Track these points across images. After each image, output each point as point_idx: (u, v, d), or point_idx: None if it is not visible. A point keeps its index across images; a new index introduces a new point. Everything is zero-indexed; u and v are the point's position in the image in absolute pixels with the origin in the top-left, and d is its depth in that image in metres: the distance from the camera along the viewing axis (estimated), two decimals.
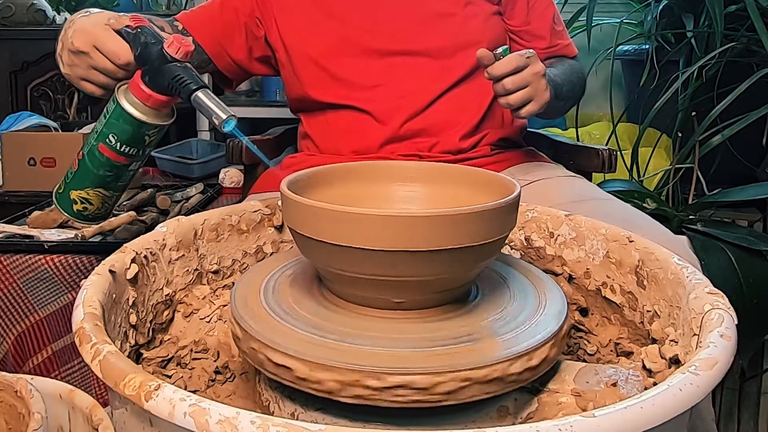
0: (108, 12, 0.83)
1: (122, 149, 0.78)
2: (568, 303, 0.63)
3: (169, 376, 0.68)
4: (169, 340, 0.71)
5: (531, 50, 0.95)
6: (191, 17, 1.16)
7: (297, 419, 0.50)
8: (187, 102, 0.73)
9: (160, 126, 0.78)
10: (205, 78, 1.26)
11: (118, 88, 0.78)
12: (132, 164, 0.80)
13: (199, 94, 0.72)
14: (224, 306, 0.73)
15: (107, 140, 0.78)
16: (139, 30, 0.77)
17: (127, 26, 0.79)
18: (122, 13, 0.83)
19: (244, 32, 1.16)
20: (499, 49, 0.92)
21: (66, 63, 0.85)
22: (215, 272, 0.78)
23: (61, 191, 0.84)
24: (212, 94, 0.72)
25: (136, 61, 0.77)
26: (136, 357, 0.67)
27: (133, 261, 0.66)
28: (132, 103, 0.76)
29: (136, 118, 0.76)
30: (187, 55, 0.75)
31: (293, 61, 1.15)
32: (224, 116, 0.71)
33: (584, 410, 0.54)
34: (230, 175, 1.73)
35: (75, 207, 0.83)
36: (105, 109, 0.79)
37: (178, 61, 0.74)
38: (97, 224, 0.86)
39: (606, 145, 1.55)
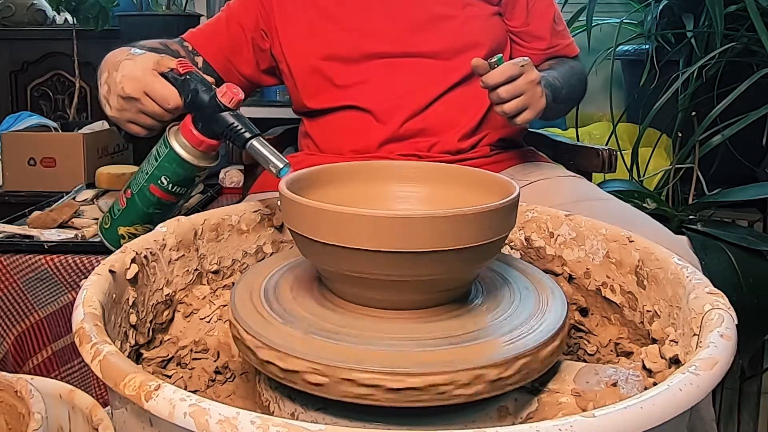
0: (151, 54, 0.86)
1: (173, 189, 0.83)
2: (568, 303, 0.63)
3: (169, 376, 0.68)
4: (169, 340, 0.71)
5: (526, 58, 0.96)
6: (199, 36, 1.16)
7: (297, 419, 0.50)
8: (241, 149, 0.77)
9: (208, 167, 0.83)
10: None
11: (169, 131, 0.82)
12: (179, 201, 0.86)
13: (254, 142, 0.76)
14: (224, 306, 0.73)
15: (159, 182, 0.82)
16: (188, 76, 0.81)
17: (172, 70, 0.83)
18: (143, 44, 0.85)
19: (250, 46, 1.17)
20: (494, 58, 0.93)
21: (114, 107, 0.88)
22: (215, 272, 0.78)
23: (107, 227, 0.88)
24: (266, 142, 0.76)
25: (186, 107, 0.81)
26: (136, 357, 0.67)
27: (133, 261, 0.66)
28: (184, 147, 0.80)
29: (188, 161, 0.81)
30: (239, 104, 0.79)
31: (293, 74, 1.16)
32: (281, 165, 0.75)
33: (584, 410, 0.54)
34: (230, 175, 1.73)
35: (122, 242, 0.86)
36: (155, 152, 0.83)
37: (231, 109, 0.78)
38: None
39: (606, 145, 1.55)
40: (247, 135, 0.77)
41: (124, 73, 0.84)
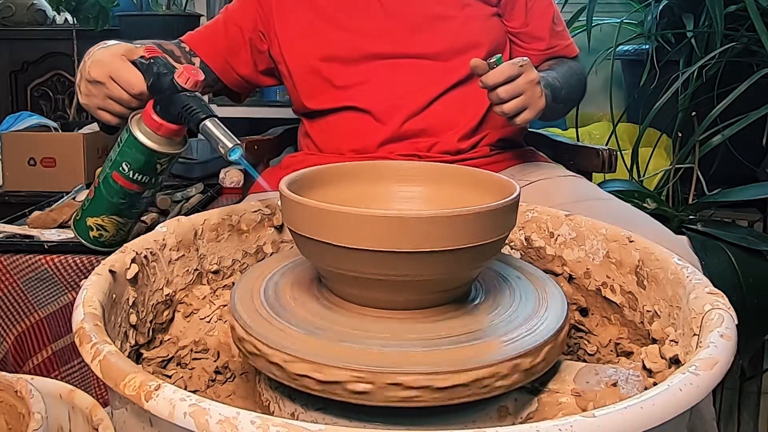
0: (124, 44, 0.86)
1: (135, 177, 0.80)
2: (568, 303, 0.63)
3: (169, 376, 0.68)
4: (169, 340, 0.71)
5: (525, 58, 0.96)
6: (197, 38, 1.17)
7: (297, 419, 0.50)
8: (196, 131, 0.75)
9: (171, 155, 0.80)
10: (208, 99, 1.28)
11: (132, 118, 0.81)
12: (145, 192, 0.83)
13: (207, 123, 0.74)
14: (224, 306, 0.73)
15: (120, 168, 0.80)
16: (152, 60, 0.80)
17: (141, 57, 0.81)
18: (138, 43, 0.86)
19: (248, 47, 1.17)
20: (493, 58, 0.93)
21: (84, 93, 0.88)
22: (215, 272, 0.78)
23: (78, 218, 0.88)
24: (220, 123, 0.74)
25: (149, 91, 0.80)
26: (136, 357, 0.67)
27: (133, 261, 0.66)
28: (144, 132, 0.79)
29: (147, 146, 0.79)
30: (197, 85, 0.77)
31: (292, 75, 1.16)
32: (230, 145, 0.72)
33: (584, 410, 0.54)
34: (230, 175, 1.73)
35: (91, 233, 0.85)
36: (119, 138, 0.81)
37: (188, 90, 0.76)
38: (112, 251, 0.89)
39: (606, 145, 1.55)
40: (201, 115, 0.74)
41: (93, 58, 0.85)
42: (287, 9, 1.15)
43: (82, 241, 0.86)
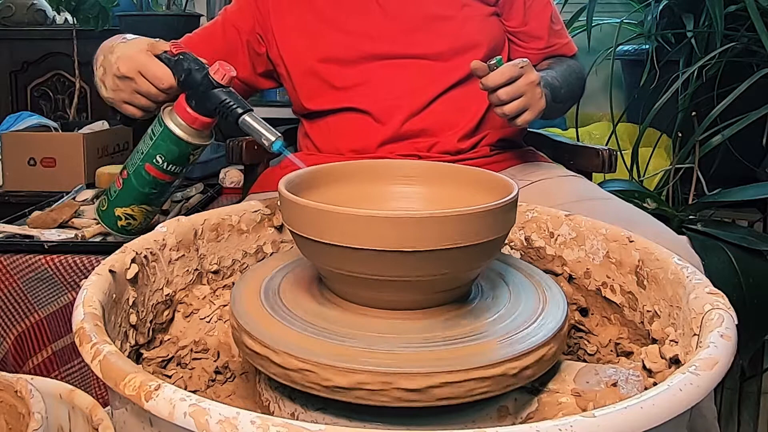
0: (144, 38, 0.88)
1: (168, 168, 0.84)
2: (568, 303, 0.63)
3: (169, 376, 0.68)
4: (169, 340, 0.71)
5: (525, 59, 0.96)
6: (194, 40, 1.17)
7: (297, 419, 0.50)
8: (234, 125, 0.78)
9: (203, 145, 0.84)
10: None
11: (163, 111, 0.84)
12: (175, 181, 0.87)
13: (247, 117, 0.77)
14: (224, 306, 0.73)
15: (154, 161, 0.84)
16: (181, 56, 0.83)
17: (165, 52, 0.84)
18: (157, 39, 0.87)
19: (246, 50, 1.17)
20: (493, 60, 0.93)
21: (110, 87, 0.89)
22: (215, 272, 0.78)
23: (104, 208, 0.89)
24: (258, 117, 0.77)
25: (180, 86, 0.82)
26: (136, 357, 0.67)
27: (133, 261, 0.66)
28: (178, 125, 0.82)
29: (182, 139, 0.82)
30: (231, 81, 0.80)
31: (291, 76, 1.16)
32: (273, 138, 0.75)
33: (584, 410, 0.54)
34: (230, 175, 1.73)
35: (119, 223, 0.88)
36: (150, 131, 0.84)
37: (224, 86, 0.80)
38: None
39: (606, 145, 1.55)
40: (240, 110, 0.77)
41: (119, 54, 0.86)
42: (285, 10, 1.15)
43: (109, 230, 0.89)
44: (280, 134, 0.76)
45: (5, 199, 1.66)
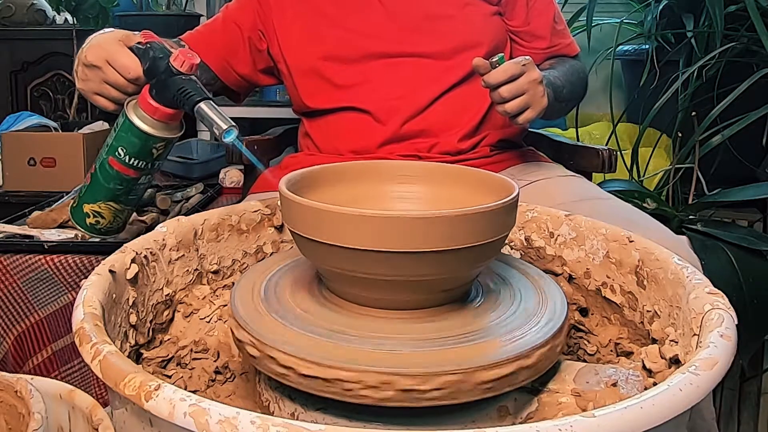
0: (122, 31, 0.86)
1: (131, 162, 0.80)
2: (568, 303, 0.63)
3: (169, 376, 0.68)
4: (169, 340, 0.71)
5: (527, 57, 0.95)
6: (195, 37, 1.17)
7: (297, 419, 0.50)
8: (191, 113, 0.75)
9: (167, 139, 0.80)
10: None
11: (128, 103, 0.81)
12: (141, 178, 0.82)
13: (202, 105, 0.74)
14: (224, 306, 0.73)
15: (116, 153, 0.80)
16: (148, 45, 0.80)
17: (138, 43, 0.82)
18: (135, 32, 0.86)
19: (247, 46, 1.17)
20: (495, 57, 0.93)
21: (80, 77, 0.87)
22: (215, 272, 0.78)
23: (75, 205, 0.86)
24: (215, 106, 0.74)
25: (145, 75, 0.80)
26: (136, 357, 0.67)
27: (133, 261, 0.66)
28: (140, 116, 0.79)
29: (143, 131, 0.78)
30: (192, 68, 0.77)
31: (292, 74, 1.16)
32: (225, 126, 0.72)
33: (584, 410, 0.54)
34: (230, 175, 1.73)
35: (88, 220, 0.85)
36: (115, 123, 0.81)
37: (184, 74, 0.76)
38: (110, 237, 0.89)
39: (606, 145, 1.55)
40: (196, 98, 0.74)
41: (90, 43, 0.85)
42: (287, 8, 1.15)
43: (79, 228, 0.86)
44: (234, 124, 0.72)
45: (5, 199, 1.66)
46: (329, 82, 1.12)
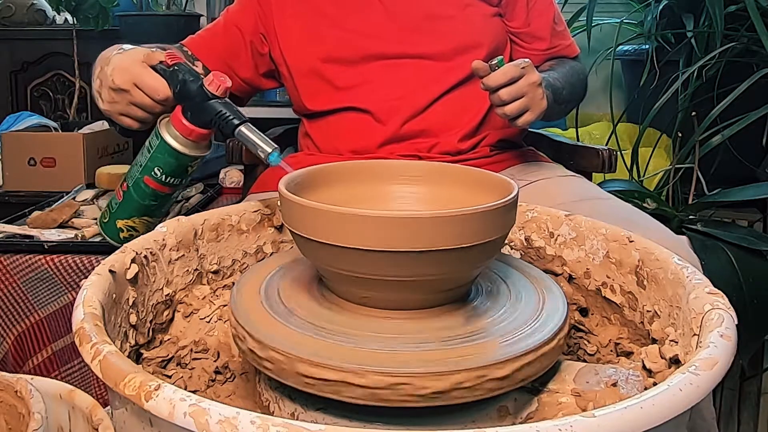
0: (141, 48, 0.87)
1: (167, 180, 0.83)
2: (568, 303, 0.63)
3: (169, 376, 0.68)
4: (169, 340, 0.71)
5: (527, 60, 0.96)
6: (197, 42, 1.16)
7: (297, 419, 0.50)
8: (231, 136, 0.77)
9: (200, 157, 0.83)
10: None
11: (160, 122, 0.83)
12: (175, 193, 0.86)
13: (243, 128, 0.77)
14: (224, 306, 0.73)
15: (153, 173, 0.83)
16: (176, 67, 0.82)
17: (161, 62, 0.83)
18: (154, 48, 0.87)
19: (249, 50, 1.16)
20: (494, 60, 0.93)
21: (106, 100, 0.89)
22: (215, 272, 0.78)
23: (106, 221, 0.90)
24: (255, 128, 0.77)
25: (176, 98, 0.81)
26: (136, 357, 0.67)
27: (133, 261, 0.66)
28: (175, 137, 0.81)
29: (180, 151, 0.81)
30: (226, 92, 0.79)
31: (293, 75, 1.15)
32: (269, 150, 0.75)
33: (584, 410, 0.54)
34: (230, 175, 1.73)
35: (122, 235, 0.88)
36: (148, 143, 0.83)
37: (219, 97, 0.78)
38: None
39: (606, 145, 1.55)
40: (236, 122, 0.77)
41: (114, 65, 0.86)
42: (288, 10, 1.15)
43: (112, 242, 0.88)
44: (276, 146, 0.75)
45: (5, 199, 1.66)
46: (330, 84, 1.12)
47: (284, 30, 1.15)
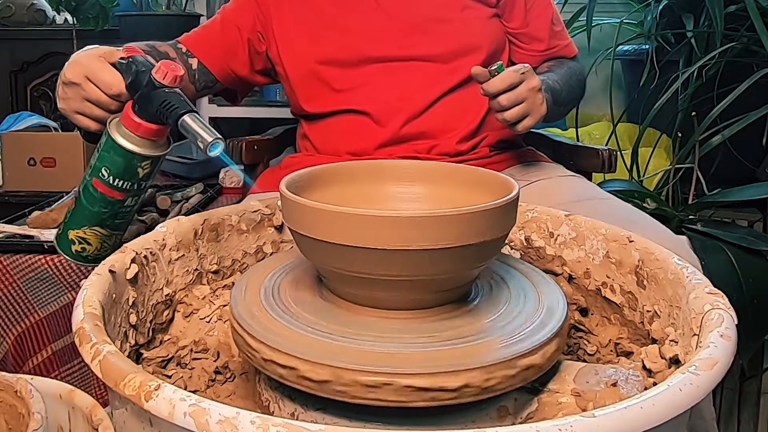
0: (104, 47, 0.82)
1: (115, 183, 0.75)
2: (568, 303, 0.63)
3: (169, 376, 0.68)
4: (169, 340, 0.71)
5: (526, 65, 0.96)
6: (194, 39, 1.15)
7: (297, 419, 0.50)
8: (174, 128, 0.71)
9: (152, 157, 0.75)
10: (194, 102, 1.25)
11: (110, 121, 0.76)
12: (127, 200, 0.78)
13: (186, 118, 0.69)
14: (224, 306, 0.73)
15: (100, 174, 0.76)
16: (130, 59, 0.75)
17: (121, 58, 0.77)
18: (118, 48, 0.82)
19: (246, 48, 1.16)
20: (494, 66, 0.93)
21: (60, 96, 0.83)
22: (215, 272, 0.78)
23: (60, 232, 0.81)
24: (200, 118, 0.70)
25: (128, 91, 0.75)
26: (136, 357, 0.67)
27: (133, 261, 0.66)
28: (123, 134, 0.74)
29: (127, 149, 0.74)
30: (175, 80, 0.72)
31: (290, 77, 1.15)
32: (210, 139, 0.67)
33: (584, 410, 0.54)
34: (230, 175, 1.73)
35: (73, 247, 0.81)
36: (98, 144, 0.77)
37: (167, 86, 0.72)
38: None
39: (606, 145, 1.55)
40: (180, 111, 0.70)
41: (70, 61, 0.81)
42: (286, 11, 1.15)
43: (64, 256, 0.81)
44: (220, 136, 0.68)
45: (5, 199, 1.66)
46: (327, 86, 1.12)
47: (282, 31, 1.15)
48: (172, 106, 0.70)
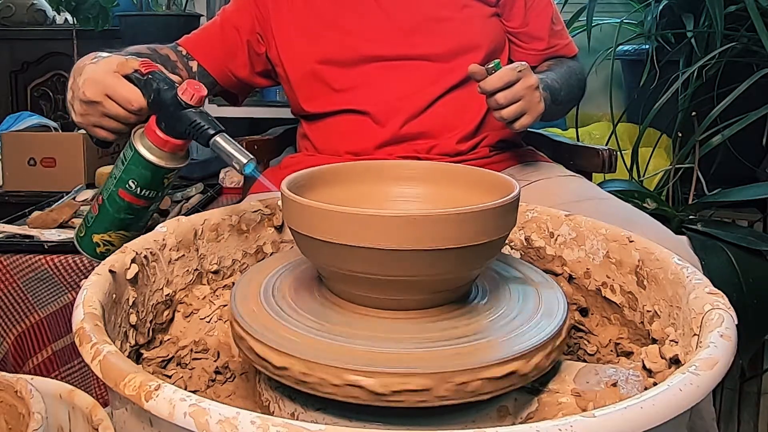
0: (115, 57, 0.84)
1: (142, 193, 0.80)
2: (568, 303, 0.63)
3: (169, 376, 0.68)
4: (169, 340, 0.71)
5: (524, 63, 0.96)
6: (194, 41, 1.15)
7: (297, 419, 0.50)
8: (206, 146, 0.75)
9: (177, 169, 0.80)
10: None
11: (134, 134, 0.80)
12: (151, 206, 0.83)
13: (218, 138, 0.74)
14: (224, 306, 0.73)
15: (127, 186, 0.80)
16: (150, 76, 0.79)
17: (136, 71, 0.80)
18: (132, 49, 0.83)
19: (246, 50, 1.16)
20: (491, 64, 0.93)
21: (78, 112, 0.86)
22: (215, 272, 0.78)
23: (82, 235, 0.85)
24: (230, 138, 0.74)
25: (150, 107, 0.79)
26: (136, 357, 0.67)
27: (133, 261, 0.66)
28: (149, 149, 0.78)
29: (154, 163, 0.78)
30: (201, 101, 0.76)
31: (290, 77, 1.15)
32: (244, 160, 0.72)
33: (584, 410, 0.54)
34: (230, 175, 1.73)
35: (98, 249, 0.85)
36: (122, 155, 0.81)
37: (193, 106, 0.76)
38: None
39: (606, 145, 1.55)
40: (211, 131, 0.74)
41: (86, 77, 0.82)
42: (285, 10, 1.15)
43: (89, 257, 0.85)
44: (252, 156, 0.73)
45: (5, 199, 1.66)
46: (327, 86, 1.12)
47: (281, 31, 1.15)
48: (202, 127, 0.74)
